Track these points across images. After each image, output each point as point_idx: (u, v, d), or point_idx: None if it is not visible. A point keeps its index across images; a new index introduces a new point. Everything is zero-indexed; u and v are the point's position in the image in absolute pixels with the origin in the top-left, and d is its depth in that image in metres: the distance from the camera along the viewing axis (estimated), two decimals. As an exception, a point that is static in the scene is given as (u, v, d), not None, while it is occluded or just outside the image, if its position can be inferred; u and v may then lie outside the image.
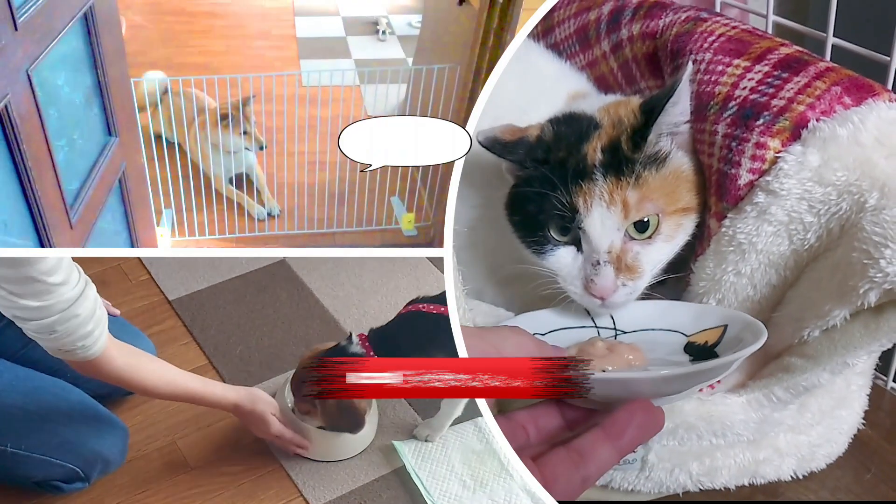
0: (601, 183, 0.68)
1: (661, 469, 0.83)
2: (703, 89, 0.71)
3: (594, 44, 0.86)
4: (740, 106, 0.68)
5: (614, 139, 0.69)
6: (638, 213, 0.68)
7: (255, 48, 2.56)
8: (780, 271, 0.72)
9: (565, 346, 0.68)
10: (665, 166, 0.69)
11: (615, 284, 0.68)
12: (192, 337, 1.34)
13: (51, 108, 1.10)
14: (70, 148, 1.19)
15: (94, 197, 1.24)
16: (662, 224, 0.69)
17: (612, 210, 0.67)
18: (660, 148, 0.70)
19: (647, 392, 0.55)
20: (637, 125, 0.69)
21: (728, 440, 0.81)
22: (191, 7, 3.02)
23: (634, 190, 0.67)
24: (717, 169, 0.70)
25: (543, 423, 0.56)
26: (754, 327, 0.64)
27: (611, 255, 0.68)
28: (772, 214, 0.68)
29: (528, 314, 0.74)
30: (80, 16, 1.17)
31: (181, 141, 1.94)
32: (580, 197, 0.68)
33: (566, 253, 0.71)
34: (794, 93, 0.66)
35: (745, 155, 0.67)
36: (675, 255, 0.73)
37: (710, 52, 0.72)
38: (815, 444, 0.89)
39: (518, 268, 0.74)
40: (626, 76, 0.85)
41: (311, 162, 1.94)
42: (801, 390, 0.75)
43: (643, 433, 0.52)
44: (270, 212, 1.99)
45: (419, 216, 1.92)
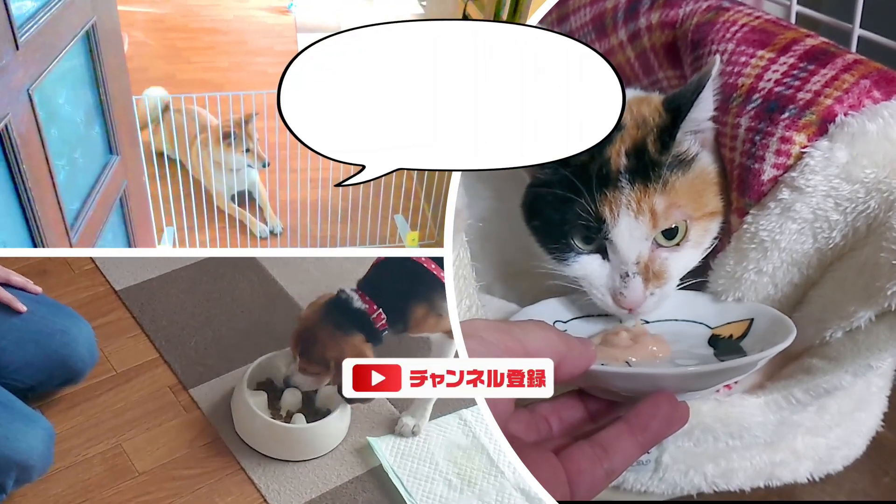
0: (628, 191, 0.65)
1: (676, 470, 0.80)
2: (725, 81, 0.68)
3: (611, 33, 0.83)
4: (765, 98, 0.65)
5: (639, 141, 0.66)
6: (666, 221, 0.65)
7: (258, 64, 2.56)
8: (802, 270, 0.69)
9: (588, 335, 0.66)
10: (691, 169, 0.67)
11: (644, 295, 0.66)
12: (140, 329, 1.21)
13: (52, 127, 1.09)
14: (71, 167, 1.18)
15: (94, 216, 1.23)
16: (691, 230, 0.67)
17: (640, 220, 0.64)
18: (686, 148, 0.67)
19: (672, 387, 0.54)
20: (664, 124, 0.66)
21: (745, 442, 0.78)
22: (193, 24, 3.04)
23: (662, 197, 0.65)
24: (740, 163, 0.67)
25: (566, 414, 0.55)
26: (782, 323, 0.62)
27: (639, 265, 0.66)
28: (796, 212, 0.65)
29: (549, 301, 0.72)
30: (82, 34, 1.17)
31: (183, 158, 1.93)
32: (606, 206, 0.65)
33: (591, 261, 0.68)
34: (821, 86, 0.64)
35: (770, 149, 0.64)
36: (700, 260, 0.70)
37: (732, 42, 0.69)
38: (833, 447, 0.86)
39: (531, 263, 0.71)
40: (643, 66, 0.81)
41: (313, 179, 1.93)
42: (822, 392, 0.73)
43: (667, 426, 0.51)
44: (273, 230, 1.98)
45: (423, 234, 1.91)
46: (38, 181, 1.03)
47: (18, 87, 0.97)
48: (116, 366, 1.13)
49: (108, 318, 1.23)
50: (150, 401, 1.10)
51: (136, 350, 1.18)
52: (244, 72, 2.51)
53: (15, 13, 0.96)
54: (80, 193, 1.22)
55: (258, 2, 3.28)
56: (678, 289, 0.69)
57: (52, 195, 1.08)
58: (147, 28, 2.89)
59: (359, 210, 1.85)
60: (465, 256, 0.72)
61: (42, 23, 1.01)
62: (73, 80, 1.19)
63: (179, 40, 2.69)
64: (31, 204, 1.02)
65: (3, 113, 0.91)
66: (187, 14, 3.14)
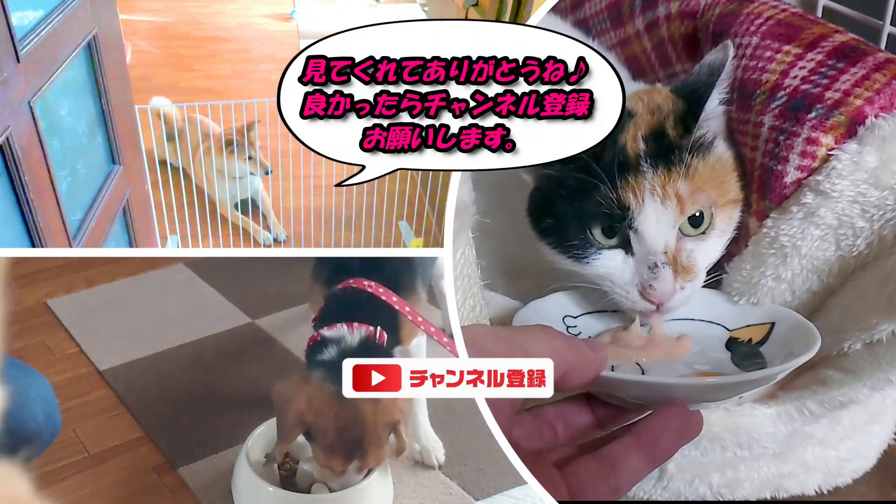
0: (651, 175, 0.61)
1: (681, 479, 0.77)
2: (748, 76, 0.64)
3: (627, 21, 0.79)
4: (790, 96, 0.61)
5: (656, 126, 0.63)
6: (693, 206, 0.62)
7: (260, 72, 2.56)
8: (823, 278, 0.66)
9: (598, 333, 0.63)
10: (710, 154, 0.63)
11: (674, 288, 0.62)
12: (125, 407, 1.08)
13: (53, 138, 1.09)
14: (73, 178, 1.18)
15: (97, 226, 1.23)
16: (716, 217, 0.63)
17: (667, 205, 0.61)
18: (703, 133, 0.64)
19: (685, 398, 0.50)
20: (680, 109, 0.63)
21: (753, 452, 0.75)
22: (196, 32, 3.04)
23: (686, 181, 0.61)
24: (761, 164, 0.63)
25: (573, 419, 0.53)
26: (805, 330, 0.58)
27: (667, 255, 0.62)
28: (820, 217, 0.61)
29: (558, 295, 0.67)
30: (84, 45, 1.17)
31: (186, 166, 1.93)
32: (629, 192, 0.61)
33: (614, 256, 0.63)
34: (851, 85, 0.60)
35: (794, 150, 0.61)
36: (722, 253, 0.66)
37: (756, 35, 0.65)
38: (843, 459, 0.83)
39: (535, 260, 0.68)
40: (660, 57, 0.77)
41: (317, 186, 1.92)
42: (837, 405, 0.70)
43: (679, 440, 0.48)
44: (277, 237, 1.97)
45: (427, 240, 1.90)
46: (41, 192, 1.03)
47: (20, 99, 0.96)
48: (90, 447, 1.00)
49: (86, 398, 1.10)
50: (126, 484, 0.95)
51: (117, 429, 1.04)
52: (247, 79, 2.51)
53: (16, 24, 0.96)
54: (83, 204, 1.22)
55: (261, 9, 3.29)
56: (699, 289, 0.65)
57: (54, 206, 1.08)
58: (150, 37, 2.90)
59: (363, 217, 1.84)
60: (470, 254, 0.68)
61: (43, 35, 1.01)
62: (75, 91, 1.19)
63: (182, 48, 2.69)
64: (34, 215, 1.01)
65: (4, 126, 0.91)
66: (190, 22, 3.15)
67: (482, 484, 0.98)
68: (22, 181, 0.96)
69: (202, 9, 3.26)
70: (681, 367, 0.59)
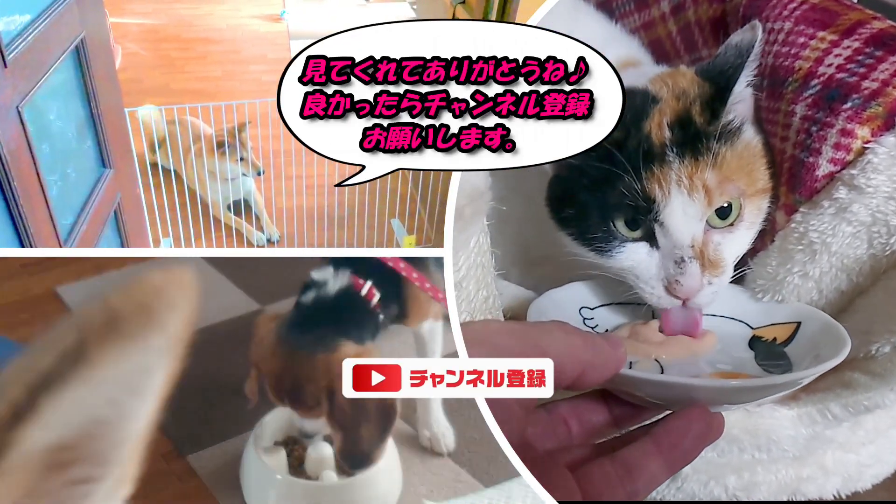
0: (677, 166, 0.58)
1: (696, 481, 0.75)
2: (779, 63, 0.61)
3: (652, 3, 0.77)
4: (824, 85, 0.58)
5: (682, 112, 0.59)
6: (721, 198, 0.58)
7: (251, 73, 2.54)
8: (852, 277, 0.63)
9: (616, 326, 0.61)
10: (738, 140, 0.60)
11: (702, 283, 0.59)
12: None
13: (43, 142, 1.07)
14: (63, 182, 1.16)
15: (88, 230, 1.21)
16: (745, 208, 0.60)
17: (694, 197, 0.57)
18: (731, 118, 0.61)
19: (707, 400, 0.48)
20: (706, 93, 0.60)
21: (772, 455, 0.72)
22: (186, 34, 3.02)
23: (714, 171, 0.58)
24: (791, 155, 0.60)
25: (588, 417, 0.50)
26: (834, 332, 0.55)
27: (694, 249, 0.59)
28: (853, 213, 0.58)
29: (575, 284, 0.64)
30: (72, 48, 1.15)
31: (178, 168, 1.92)
32: (654, 183, 0.58)
33: (638, 249, 0.60)
34: (890, 75, 0.57)
35: (827, 142, 0.57)
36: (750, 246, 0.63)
37: (790, 20, 0.62)
38: (864, 464, 0.80)
39: (551, 249, 0.65)
40: (685, 41, 0.74)
41: (309, 186, 1.91)
42: (862, 409, 0.67)
43: (700, 444, 0.46)
44: (270, 237, 1.96)
45: (420, 238, 1.89)
46: (30, 197, 1.01)
47: (7, 104, 0.95)
48: None
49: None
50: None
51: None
52: (237, 80, 2.49)
53: (3, 29, 0.95)
54: (74, 208, 1.20)
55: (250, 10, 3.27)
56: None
57: (44, 210, 1.06)
58: (140, 39, 2.87)
59: (355, 215, 1.83)
60: (484, 242, 0.64)
61: (30, 40, 0.99)
62: (64, 95, 1.17)
63: (173, 50, 2.67)
64: (24, 220, 1.00)
65: (-9, 131, 0.90)
66: (180, 24, 3.13)
67: (492, 471, 0.96)
68: (11, 186, 0.95)
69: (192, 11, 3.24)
70: (702, 366, 0.56)
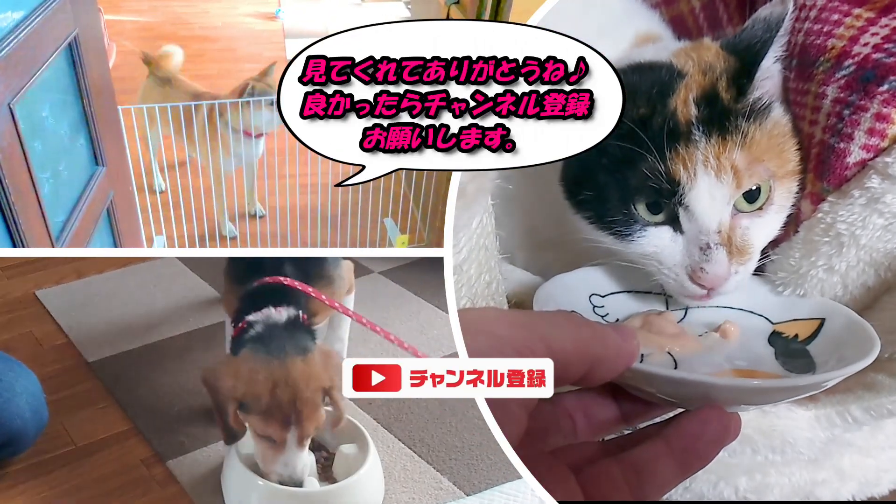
0: (704, 145, 0.53)
1: (705, 481, 0.70)
2: (811, 41, 0.56)
3: None
4: (859, 66, 0.54)
5: (708, 88, 0.55)
6: (751, 180, 0.54)
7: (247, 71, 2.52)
8: (880, 272, 0.58)
9: (628, 315, 0.57)
10: (768, 119, 0.56)
11: (729, 271, 0.54)
12: (113, 399, 1.04)
13: (35, 140, 1.05)
14: (55, 180, 1.14)
15: (80, 228, 1.20)
16: (775, 191, 0.56)
17: (722, 179, 0.53)
18: (760, 95, 0.56)
19: (724, 400, 0.44)
20: (733, 68, 0.56)
21: (786, 457, 0.67)
22: (182, 32, 3.00)
23: (743, 151, 0.54)
24: (821, 140, 0.56)
25: (594, 411, 0.47)
26: (860, 330, 0.51)
27: (721, 234, 0.55)
28: (885, 204, 0.53)
29: (586, 269, 0.60)
30: (65, 45, 1.13)
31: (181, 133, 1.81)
32: (679, 164, 0.53)
33: (661, 234, 0.56)
34: None
35: (861, 127, 0.53)
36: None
37: None
38: (882, 469, 0.74)
39: (559, 231, 0.61)
40: (709, 18, 0.70)
41: (303, 185, 1.90)
42: (885, 413, 0.62)
43: (715, 447, 0.42)
44: (253, 212, 1.97)
45: (413, 237, 1.88)
46: (22, 194, 0.99)
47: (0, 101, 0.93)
48: (77, 439, 0.97)
49: (75, 389, 1.06)
50: (114, 477, 0.92)
51: (105, 421, 1.01)
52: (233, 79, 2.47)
53: (-5, 27, 0.93)
54: (66, 206, 1.18)
55: (246, 8, 3.25)
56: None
57: (36, 208, 1.05)
58: (136, 37, 2.85)
59: (349, 215, 1.82)
60: (488, 223, 0.60)
61: (22, 37, 0.98)
62: (57, 92, 1.15)
63: (168, 48, 2.65)
64: (15, 217, 0.98)
65: (-17, 129, 0.88)
66: (176, 22, 3.11)
67: (473, 479, 0.95)
68: (3, 183, 0.93)
69: (187, 8, 3.22)
70: (719, 361, 0.52)
